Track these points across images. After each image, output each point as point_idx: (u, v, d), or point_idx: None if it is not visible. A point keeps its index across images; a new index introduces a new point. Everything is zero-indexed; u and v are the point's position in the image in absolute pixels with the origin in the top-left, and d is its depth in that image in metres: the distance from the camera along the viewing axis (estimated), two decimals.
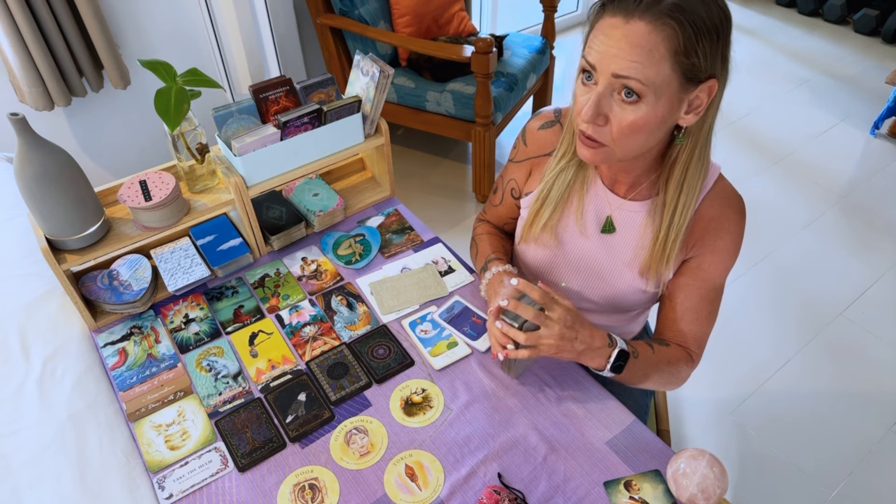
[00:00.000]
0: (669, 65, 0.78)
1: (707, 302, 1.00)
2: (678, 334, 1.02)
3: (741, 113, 3.14)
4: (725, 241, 0.96)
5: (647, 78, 0.78)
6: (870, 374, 1.94)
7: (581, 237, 1.04)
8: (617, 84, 0.80)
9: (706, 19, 0.77)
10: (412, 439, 0.97)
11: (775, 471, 1.70)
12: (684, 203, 0.93)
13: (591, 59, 0.81)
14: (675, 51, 0.77)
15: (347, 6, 2.38)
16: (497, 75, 2.46)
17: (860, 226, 2.48)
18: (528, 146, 1.08)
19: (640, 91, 0.79)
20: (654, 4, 0.76)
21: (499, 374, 1.06)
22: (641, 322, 1.24)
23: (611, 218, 1.01)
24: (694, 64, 0.79)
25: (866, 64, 3.48)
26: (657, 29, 0.77)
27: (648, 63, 0.78)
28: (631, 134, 0.83)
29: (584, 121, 0.84)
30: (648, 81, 0.78)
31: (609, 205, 1.01)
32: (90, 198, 1.07)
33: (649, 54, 0.77)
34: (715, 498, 0.84)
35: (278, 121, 1.16)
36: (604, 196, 1.01)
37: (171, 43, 2.35)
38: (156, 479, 0.94)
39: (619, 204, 1.00)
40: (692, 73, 0.80)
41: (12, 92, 2.07)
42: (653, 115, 0.81)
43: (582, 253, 1.05)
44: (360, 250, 1.30)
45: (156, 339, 1.14)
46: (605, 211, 1.01)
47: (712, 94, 0.83)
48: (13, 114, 0.95)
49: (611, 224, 1.01)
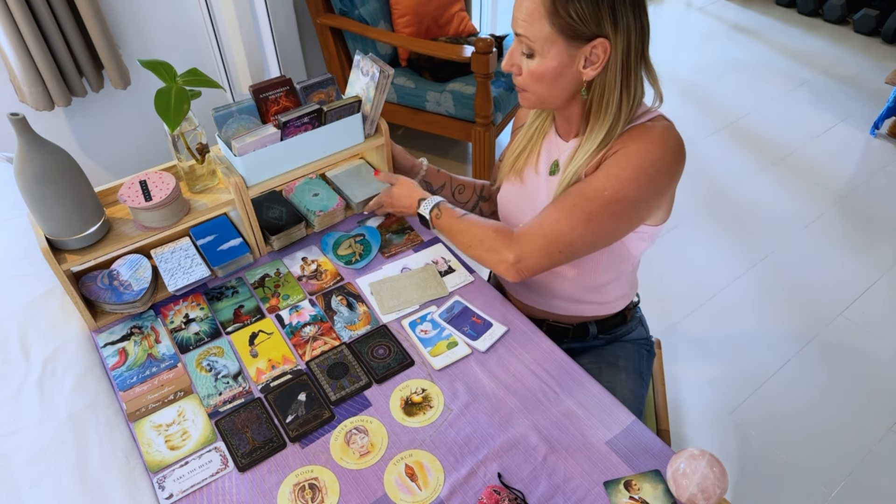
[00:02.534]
0: (548, 23, 0.93)
1: (557, 211, 1.04)
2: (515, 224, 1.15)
3: (741, 113, 3.14)
4: (617, 157, 1.01)
5: (533, 35, 0.95)
6: (870, 374, 1.94)
7: (537, 178, 1.17)
8: (518, 41, 0.99)
9: None
10: (412, 439, 0.98)
11: (775, 471, 1.70)
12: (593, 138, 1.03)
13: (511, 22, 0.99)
14: (548, 12, 0.92)
15: (347, 6, 2.38)
16: (497, 75, 2.46)
17: (860, 226, 2.47)
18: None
19: (531, 46, 0.97)
20: None
21: (499, 374, 1.06)
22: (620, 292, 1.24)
23: (557, 160, 1.13)
24: (569, 23, 0.92)
25: (866, 64, 3.48)
26: None
27: (531, 22, 0.94)
28: (535, 81, 1.00)
29: (503, 69, 1.05)
30: (535, 38, 0.95)
31: (558, 149, 1.14)
32: (90, 198, 1.07)
33: (531, 15, 0.94)
34: (715, 498, 0.84)
35: (278, 121, 1.16)
36: (555, 142, 1.14)
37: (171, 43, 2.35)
38: (156, 479, 0.94)
39: (563, 146, 1.12)
40: (572, 31, 0.93)
41: (12, 92, 2.07)
42: (546, 66, 0.97)
43: (538, 195, 1.16)
44: (360, 250, 1.30)
45: (156, 339, 1.14)
46: (554, 155, 1.14)
47: (607, 53, 0.95)
48: (13, 114, 0.95)
49: (556, 166, 1.13)
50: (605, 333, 1.28)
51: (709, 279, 2.26)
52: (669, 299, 2.17)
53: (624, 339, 1.30)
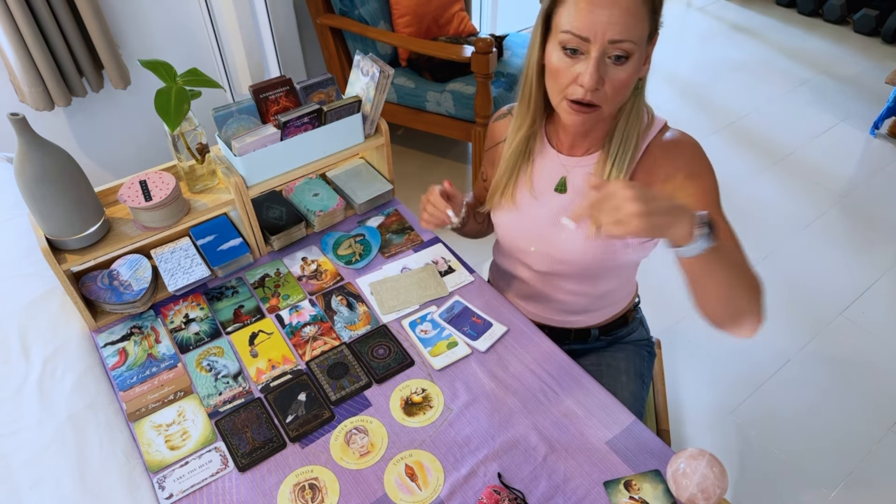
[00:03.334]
0: (647, 21, 0.86)
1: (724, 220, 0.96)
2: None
3: (741, 113, 3.14)
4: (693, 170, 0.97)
5: (637, 37, 0.86)
6: (870, 374, 1.94)
7: (534, 201, 1.11)
8: (611, 49, 0.86)
9: None
10: (412, 439, 0.98)
11: (775, 471, 1.70)
12: (624, 148, 0.99)
13: (582, 32, 0.86)
14: (652, 9, 0.86)
15: (347, 6, 2.38)
16: (497, 75, 2.46)
17: (860, 226, 2.47)
18: (487, 138, 1.23)
19: (630, 51, 0.87)
20: None
21: (499, 374, 1.06)
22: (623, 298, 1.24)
23: (564, 178, 1.08)
24: (657, 18, 0.88)
25: (866, 64, 3.48)
26: None
27: (636, 24, 0.85)
28: (622, 90, 0.91)
29: (588, 89, 0.89)
30: (638, 40, 0.86)
31: (563, 166, 1.08)
32: (90, 198, 1.07)
33: (635, 14, 0.85)
34: (715, 498, 0.84)
35: (278, 121, 1.16)
36: (556, 159, 1.08)
37: (171, 43, 2.35)
38: (156, 479, 0.94)
39: (575, 163, 1.06)
40: (655, 26, 0.89)
41: (12, 92, 2.07)
42: (635, 71, 0.90)
43: (540, 216, 1.11)
44: (360, 250, 1.30)
45: (156, 339, 1.14)
46: (559, 173, 1.08)
47: (654, 43, 0.92)
48: (13, 114, 0.95)
49: (563, 184, 1.08)
50: (607, 335, 1.28)
51: None
52: (669, 299, 2.17)
53: (625, 341, 1.30)
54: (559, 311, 1.23)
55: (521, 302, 1.28)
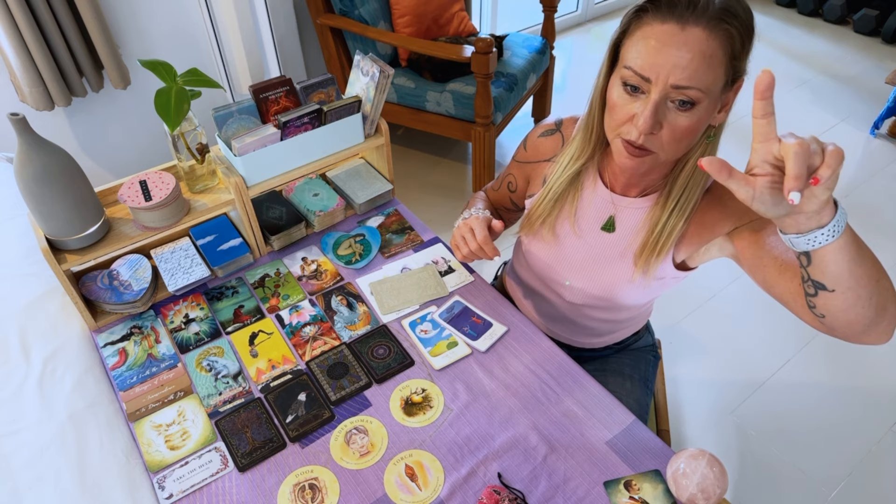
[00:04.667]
0: (724, 69, 0.79)
1: None
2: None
3: (741, 113, 3.14)
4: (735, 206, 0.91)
5: (706, 86, 0.78)
6: (869, 374, 1.94)
7: (576, 237, 1.06)
8: (674, 94, 0.79)
9: (746, 20, 0.79)
10: (412, 439, 0.98)
11: (775, 471, 1.70)
12: (687, 197, 0.93)
13: (644, 71, 0.79)
14: (731, 55, 0.78)
15: (347, 6, 2.38)
16: (497, 75, 2.46)
17: (860, 226, 2.47)
18: (528, 151, 1.13)
19: (697, 98, 0.79)
20: (706, 9, 0.76)
21: (499, 373, 1.06)
22: (643, 319, 1.25)
23: (613, 218, 1.02)
24: (740, 66, 0.80)
25: (866, 64, 3.48)
26: (714, 35, 0.76)
27: (708, 71, 0.77)
28: (683, 139, 0.83)
29: (641, 132, 0.82)
30: (707, 89, 0.78)
31: (613, 205, 1.02)
32: (90, 198, 1.07)
33: (709, 61, 0.77)
34: (715, 498, 0.84)
35: (278, 121, 1.16)
36: (607, 198, 1.03)
37: (171, 43, 2.35)
38: (156, 479, 0.94)
39: (627, 203, 1.01)
40: (736, 74, 0.81)
41: (12, 92, 2.07)
42: (704, 119, 0.82)
43: (581, 252, 1.07)
44: (360, 250, 1.30)
45: (156, 339, 1.14)
46: (607, 211, 1.03)
47: (738, 91, 0.84)
48: (13, 114, 0.95)
49: (612, 224, 1.03)
50: (616, 343, 1.28)
51: (709, 279, 2.26)
52: (669, 299, 2.17)
53: (633, 348, 1.30)
54: (584, 334, 1.22)
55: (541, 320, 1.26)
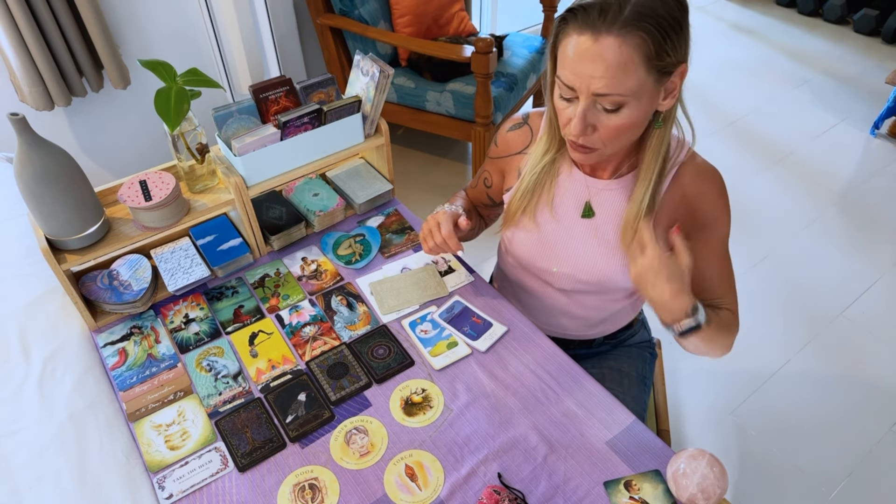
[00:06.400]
0: (644, 70, 0.81)
1: (726, 265, 1.03)
2: (720, 301, 1.05)
3: (741, 113, 3.14)
4: (716, 207, 1.00)
5: (627, 90, 0.82)
6: (870, 374, 1.94)
7: (556, 223, 1.08)
8: (599, 99, 0.84)
9: (667, 17, 0.80)
10: (412, 439, 0.97)
11: (775, 471, 1.70)
12: (652, 174, 0.96)
13: (569, 82, 0.85)
14: (647, 56, 0.80)
15: (347, 6, 2.38)
16: (497, 75, 2.46)
17: (860, 226, 2.47)
18: (499, 147, 1.16)
19: (622, 102, 0.84)
20: (618, 15, 0.78)
21: (499, 374, 1.06)
22: (637, 307, 1.26)
23: (589, 203, 1.05)
24: (667, 62, 0.82)
25: (866, 64, 3.48)
26: (626, 41, 0.79)
27: (625, 76, 0.81)
28: (621, 135, 0.89)
29: (573, 136, 0.89)
30: (628, 92, 0.82)
31: (588, 189, 1.05)
32: (90, 198, 1.07)
33: (624, 68, 0.80)
34: (715, 498, 0.84)
35: (278, 121, 1.16)
36: (583, 181, 1.05)
37: (171, 43, 2.35)
38: (156, 479, 0.94)
39: (602, 186, 1.04)
40: (666, 69, 0.83)
41: (12, 92, 2.07)
42: (636, 115, 0.86)
43: (564, 237, 1.09)
44: (360, 250, 1.30)
45: (156, 339, 1.14)
46: (583, 196, 1.06)
47: (684, 76, 0.87)
48: (13, 114, 0.95)
49: (589, 209, 1.06)
50: (611, 339, 1.28)
51: None
52: None
53: (628, 344, 1.30)
54: (578, 324, 1.22)
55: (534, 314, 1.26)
